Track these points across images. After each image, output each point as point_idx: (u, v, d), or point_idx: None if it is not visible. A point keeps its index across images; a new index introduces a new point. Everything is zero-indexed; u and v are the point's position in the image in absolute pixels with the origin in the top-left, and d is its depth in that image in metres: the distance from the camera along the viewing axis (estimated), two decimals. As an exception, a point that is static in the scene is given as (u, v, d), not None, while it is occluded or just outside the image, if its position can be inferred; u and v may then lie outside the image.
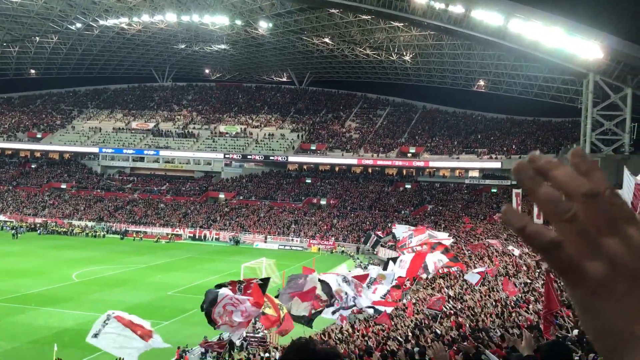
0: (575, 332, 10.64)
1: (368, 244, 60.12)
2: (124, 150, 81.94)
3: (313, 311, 17.07)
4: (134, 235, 64.77)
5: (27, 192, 77.03)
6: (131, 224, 68.31)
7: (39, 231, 64.36)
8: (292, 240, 63.92)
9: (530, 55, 51.72)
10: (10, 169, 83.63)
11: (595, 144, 52.57)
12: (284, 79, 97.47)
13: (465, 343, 10.84)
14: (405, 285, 27.86)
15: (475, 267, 28.15)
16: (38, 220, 68.70)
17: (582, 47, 47.20)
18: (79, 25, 71.59)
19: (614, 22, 60.04)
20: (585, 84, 52.90)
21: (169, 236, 64.86)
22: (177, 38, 78.06)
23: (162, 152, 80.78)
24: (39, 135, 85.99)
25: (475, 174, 72.44)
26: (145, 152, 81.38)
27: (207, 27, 69.06)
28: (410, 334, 16.66)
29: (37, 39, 79.27)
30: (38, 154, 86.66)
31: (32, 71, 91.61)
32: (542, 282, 19.60)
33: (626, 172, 12.41)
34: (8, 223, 66.39)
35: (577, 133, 59.11)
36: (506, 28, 48.13)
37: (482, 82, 77.28)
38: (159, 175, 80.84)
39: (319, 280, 17.10)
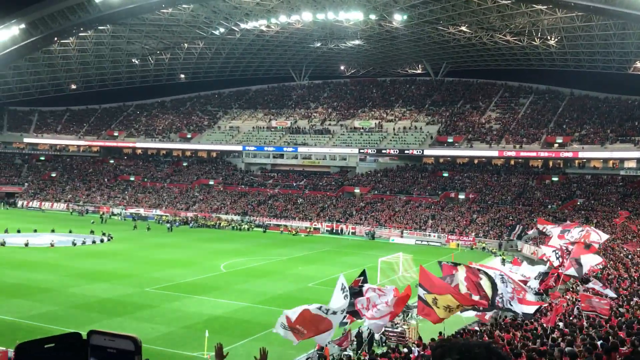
0: None
1: (513, 234, 57.99)
2: (265, 148, 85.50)
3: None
4: (282, 228, 67.18)
5: (180, 188, 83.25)
6: (272, 217, 71.20)
7: (190, 224, 69.23)
8: (429, 235, 62.70)
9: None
10: (165, 167, 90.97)
11: None
12: (419, 71, 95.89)
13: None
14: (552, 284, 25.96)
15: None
16: (189, 214, 73.94)
17: None
18: (222, 30, 75.76)
19: None
20: None
21: (308, 230, 66.62)
22: (312, 37, 79.81)
23: (300, 149, 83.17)
24: (188, 136, 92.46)
25: (632, 164, 66.19)
26: (285, 149, 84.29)
27: (342, 23, 69.77)
28: (559, 335, 15.43)
29: (186, 45, 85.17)
30: (188, 153, 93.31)
31: (182, 76, 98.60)
32: None
33: None
34: (164, 217, 72.19)
35: None
36: (669, 1, 43.30)
37: (639, 64, 70.30)
38: (297, 171, 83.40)
39: (484, 272, 15.86)
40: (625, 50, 66.56)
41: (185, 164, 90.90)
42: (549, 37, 67.09)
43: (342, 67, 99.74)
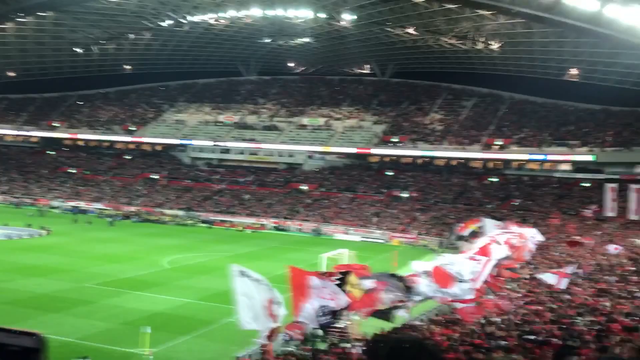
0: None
1: (452, 237, 59.54)
2: (212, 143, 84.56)
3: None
4: (227, 224, 66.68)
5: (123, 182, 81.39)
6: (218, 213, 70.64)
7: (132, 219, 67.85)
8: (374, 232, 63.75)
9: (627, 41, 48.64)
10: (108, 160, 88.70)
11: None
12: (366, 71, 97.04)
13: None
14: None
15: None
16: (132, 208, 72.40)
17: (689, 32, 43.86)
18: (169, 22, 74.42)
19: None
20: (691, 71, 49.23)
21: (254, 226, 66.43)
22: (262, 32, 79.46)
23: (248, 145, 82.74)
24: (133, 128, 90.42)
25: (567, 167, 69.28)
26: (232, 144, 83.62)
27: (291, 20, 69.88)
28: (495, 329, 16.16)
29: (132, 36, 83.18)
30: (132, 146, 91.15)
31: (127, 67, 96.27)
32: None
33: None
34: (105, 211, 70.47)
35: (682, 124, 55.15)
36: (601, 14, 45.48)
37: (575, 71, 73.49)
38: (244, 167, 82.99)
39: (393, 275, 16.42)
40: (563, 57, 69.42)
41: (128, 158, 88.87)
42: (491, 42, 69.21)
43: (291, 64, 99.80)
